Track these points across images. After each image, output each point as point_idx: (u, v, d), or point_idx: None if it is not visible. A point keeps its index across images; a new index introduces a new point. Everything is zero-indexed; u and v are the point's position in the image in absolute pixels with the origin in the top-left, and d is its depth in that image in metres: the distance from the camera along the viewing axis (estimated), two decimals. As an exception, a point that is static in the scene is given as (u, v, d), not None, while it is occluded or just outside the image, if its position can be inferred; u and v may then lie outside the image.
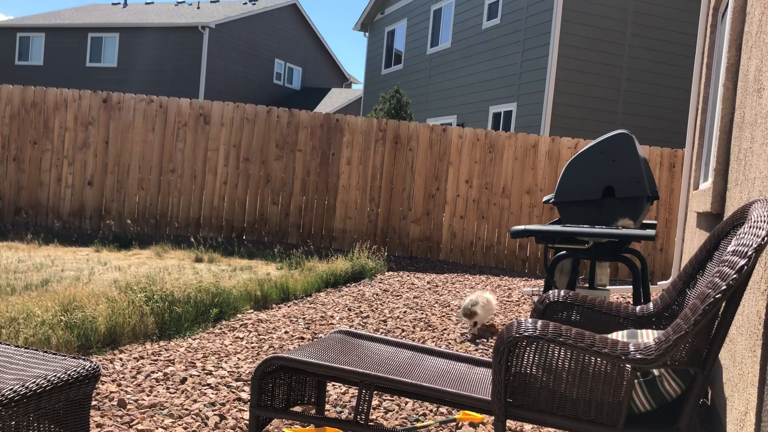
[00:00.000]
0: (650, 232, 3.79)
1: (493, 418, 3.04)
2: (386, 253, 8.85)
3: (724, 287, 1.81)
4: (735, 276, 1.81)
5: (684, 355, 1.94)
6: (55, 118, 9.27)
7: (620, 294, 6.97)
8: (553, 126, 13.13)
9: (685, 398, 2.03)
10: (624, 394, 1.99)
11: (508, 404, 2.10)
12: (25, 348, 2.12)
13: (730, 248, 1.95)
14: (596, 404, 2.02)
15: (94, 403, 3.07)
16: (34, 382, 1.79)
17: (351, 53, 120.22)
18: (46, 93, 9.30)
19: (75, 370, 1.95)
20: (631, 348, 1.94)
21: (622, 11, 13.44)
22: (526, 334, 1.99)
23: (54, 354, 2.08)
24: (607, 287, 4.70)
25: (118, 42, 27.29)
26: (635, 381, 2.05)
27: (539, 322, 2.02)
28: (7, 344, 2.14)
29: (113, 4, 32.17)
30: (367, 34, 22.70)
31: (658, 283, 7.76)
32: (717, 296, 1.81)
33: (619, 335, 2.45)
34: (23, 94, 9.29)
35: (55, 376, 1.87)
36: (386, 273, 7.54)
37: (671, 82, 13.76)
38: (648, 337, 2.38)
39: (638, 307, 2.71)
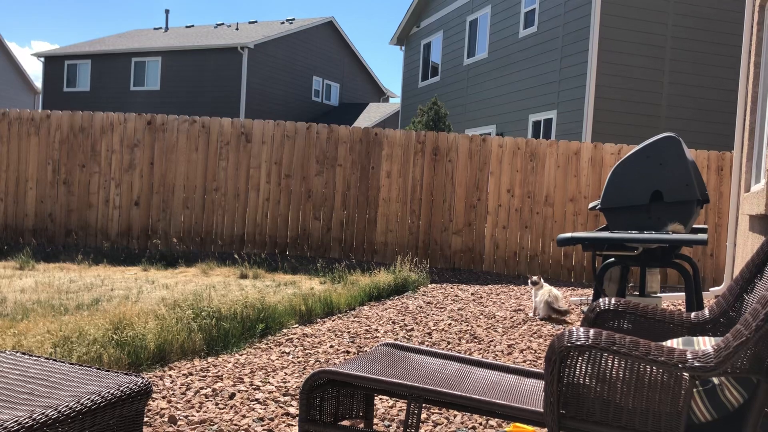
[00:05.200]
0: (702, 236, 3.69)
1: (545, 430, 2.98)
2: (428, 266, 8.80)
3: (787, 291, 1.74)
4: (798, 279, 1.73)
5: (746, 363, 1.87)
6: (102, 141, 9.53)
7: (671, 301, 6.78)
8: (594, 132, 12.92)
9: (748, 408, 1.95)
10: (682, 403, 1.92)
11: (561, 416, 2.05)
12: (79, 365, 2.16)
13: (790, 250, 1.87)
14: (653, 414, 1.96)
15: (145, 419, 3.11)
16: (89, 399, 1.82)
17: (387, 67, 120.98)
18: (93, 117, 9.57)
19: (128, 387, 1.97)
20: (689, 356, 1.87)
21: (662, 13, 13.20)
22: (579, 343, 1.95)
23: (107, 371, 2.11)
24: (659, 294, 4.58)
25: (160, 65, 27.98)
26: (694, 390, 1.98)
27: (591, 331, 1.97)
28: (62, 362, 2.19)
29: (155, 28, 33.04)
30: (403, 47, 22.79)
31: (710, 289, 7.54)
32: (779, 300, 1.74)
33: (674, 343, 2.37)
34: (72, 120, 9.57)
35: (108, 392, 1.89)
36: (429, 285, 7.50)
37: (716, 83, 13.43)
38: (705, 344, 2.30)
39: (693, 314, 2.63)
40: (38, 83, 33.50)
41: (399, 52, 23.12)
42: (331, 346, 4.59)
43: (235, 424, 3.10)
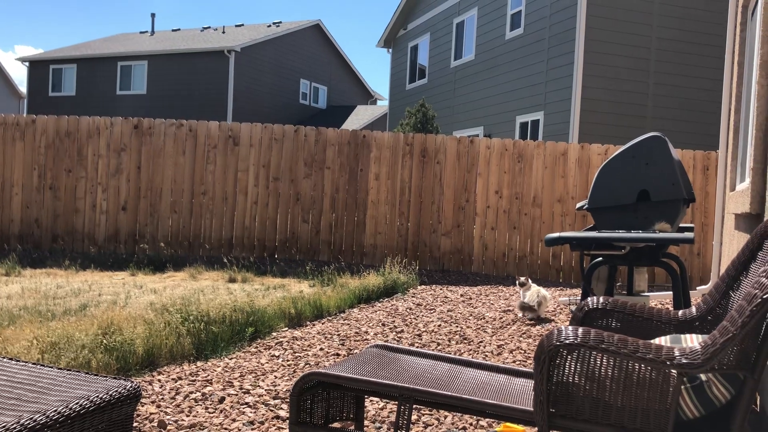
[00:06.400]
0: (689, 234, 3.72)
1: (535, 429, 2.99)
2: (418, 267, 8.81)
3: (772, 287, 1.76)
4: (782, 275, 1.75)
5: (732, 359, 1.88)
6: (88, 146, 9.47)
7: (659, 300, 6.83)
8: (581, 133, 12.99)
9: (735, 404, 1.97)
10: (671, 400, 1.94)
11: (550, 414, 2.05)
12: (68, 370, 2.14)
13: (775, 247, 1.89)
14: (642, 412, 1.97)
15: (135, 424, 3.09)
16: (77, 403, 1.81)
17: (375, 70, 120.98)
18: (79, 122, 9.51)
19: (116, 391, 1.96)
20: (677, 353, 1.89)
21: (646, 15, 13.30)
22: (567, 341, 1.96)
23: (95, 375, 2.10)
24: (646, 293, 4.61)
25: (146, 69, 27.85)
26: (682, 387, 1.99)
27: (580, 329, 1.98)
28: (50, 367, 2.17)
29: (141, 32, 32.88)
30: (390, 50, 22.81)
31: (697, 288, 7.60)
32: (765, 296, 1.76)
33: (662, 341, 2.39)
34: (57, 124, 9.51)
35: (97, 396, 1.88)
36: (419, 287, 7.50)
37: (700, 84, 13.55)
38: (692, 341, 2.32)
39: (680, 312, 2.65)
40: (23, 88, 33.25)
41: (386, 55, 23.16)
42: (321, 349, 4.58)
43: (225, 428, 3.09)
